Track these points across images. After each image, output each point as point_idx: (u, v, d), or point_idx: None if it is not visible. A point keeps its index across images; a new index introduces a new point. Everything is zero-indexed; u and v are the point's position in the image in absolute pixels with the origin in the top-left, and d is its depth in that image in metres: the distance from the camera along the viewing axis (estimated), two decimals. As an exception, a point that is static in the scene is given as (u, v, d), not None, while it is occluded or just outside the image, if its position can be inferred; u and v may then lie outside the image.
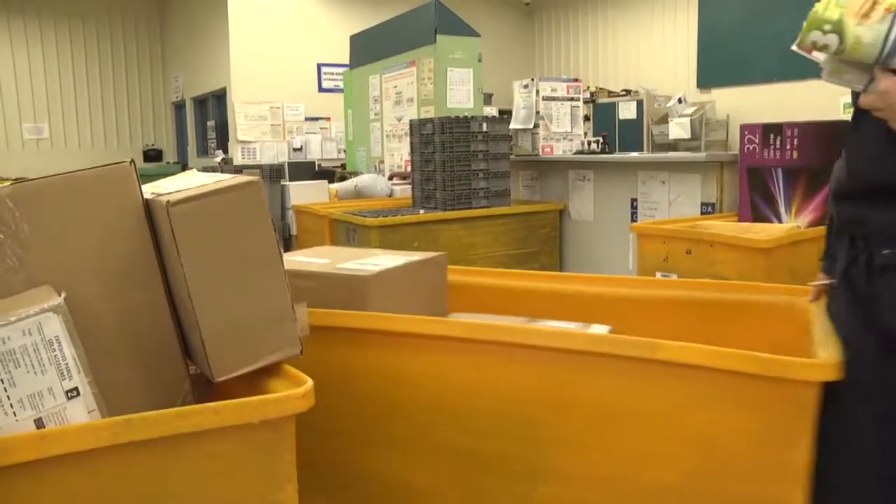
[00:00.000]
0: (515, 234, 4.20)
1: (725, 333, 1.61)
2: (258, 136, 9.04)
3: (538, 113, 4.73)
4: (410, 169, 4.44)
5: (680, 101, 7.14)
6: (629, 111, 7.97)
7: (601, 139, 5.02)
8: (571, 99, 4.82)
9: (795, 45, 1.13)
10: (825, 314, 1.36)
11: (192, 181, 1.29)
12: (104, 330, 1.17)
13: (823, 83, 1.21)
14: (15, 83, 10.46)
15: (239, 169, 6.45)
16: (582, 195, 4.34)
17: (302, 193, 5.12)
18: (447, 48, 4.95)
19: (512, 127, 4.72)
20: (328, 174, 6.33)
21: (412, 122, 4.34)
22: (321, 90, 9.25)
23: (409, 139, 4.39)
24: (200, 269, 1.16)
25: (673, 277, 2.91)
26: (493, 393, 1.45)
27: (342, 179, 5.83)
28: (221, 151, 9.32)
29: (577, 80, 5.02)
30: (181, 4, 10.56)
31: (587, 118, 7.50)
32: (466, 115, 4.25)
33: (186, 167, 10.40)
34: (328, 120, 9.21)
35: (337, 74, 8.47)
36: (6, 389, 0.98)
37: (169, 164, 11.22)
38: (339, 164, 7.74)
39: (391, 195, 5.07)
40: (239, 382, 1.22)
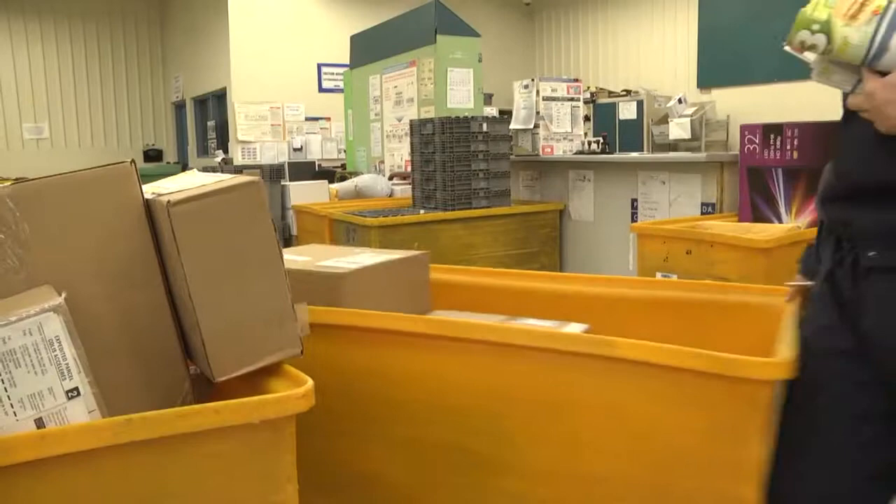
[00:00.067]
0: (515, 234, 4.20)
1: (707, 333, 1.63)
2: (258, 136, 9.04)
3: (538, 113, 4.73)
4: (410, 169, 4.44)
5: (680, 101, 7.14)
6: (629, 111, 7.97)
7: (601, 139, 5.02)
8: (571, 99, 4.82)
9: (785, 43, 1.14)
10: (796, 314, 1.37)
11: (192, 181, 1.29)
12: (104, 330, 1.17)
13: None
14: (15, 83, 10.47)
15: (239, 169, 6.45)
16: (582, 195, 4.34)
17: (302, 193, 5.13)
18: (447, 48, 4.95)
19: (512, 127, 4.72)
20: (328, 174, 6.33)
21: (412, 122, 4.34)
22: (321, 90, 9.25)
23: (409, 139, 4.39)
24: (200, 269, 1.16)
25: (673, 278, 2.91)
26: (458, 388, 1.48)
27: (342, 179, 5.83)
28: (221, 151, 9.32)
29: (577, 80, 5.02)
30: (181, 4, 10.56)
31: (587, 118, 7.50)
32: (466, 115, 4.24)
33: (186, 167, 10.40)
34: (328, 120, 9.21)
35: (337, 74, 8.47)
36: (6, 389, 0.98)
37: (169, 164, 11.22)
38: (339, 164, 7.74)
39: (391, 195, 5.07)
40: (239, 382, 1.22)
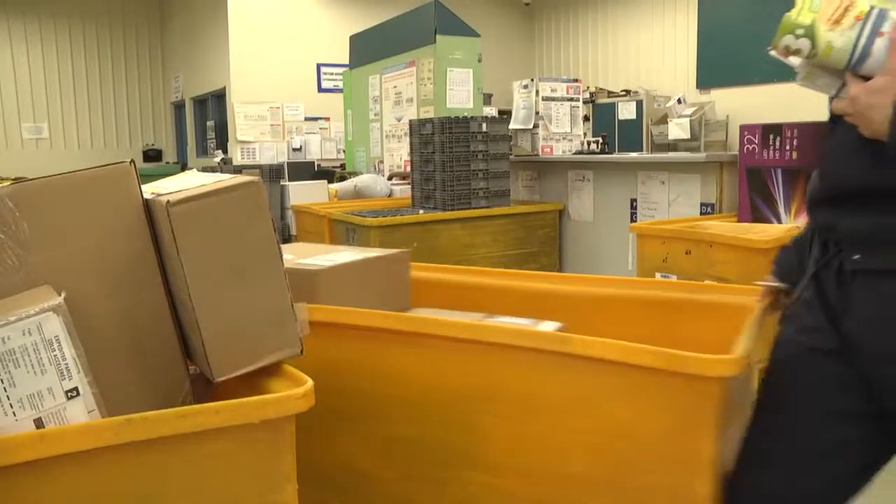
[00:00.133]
0: (515, 234, 4.20)
1: (684, 331, 1.65)
2: (258, 136, 9.05)
3: (538, 113, 4.73)
4: (410, 169, 4.45)
5: (679, 101, 7.15)
6: (629, 111, 7.97)
7: (601, 139, 5.03)
8: (571, 99, 4.83)
9: (770, 48, 1.15)
10: (761, 314, 1.40)
11: (191, 181, 1.29)
12: (104, 330, 1.17)
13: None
14: (15, 83, 10.47)
15: (238, 169, 6.46)
16: (581, 195, 4.34)
17: (301, 193, 5.12)
18: (447, 48, 4.95)
19: (511, 127, 4.72)
20: (328, 174, 6.33)
21: (412, 122, 4.34)
22: (321, 90, 9.25)
23: (408, 139, 4.39)
24: (200, 269, 1.16)
25: (672, 278, 2.92)
26: (428, 384, 1.52)
27: (342, 179, 5.83)
28: (221, 151, 9.32)
29: (576, 80, 5.03)
30: (181, 4, 10.56)
31: (587, 118, 7.50)
32: (466, 115, 4.25)
33: (186, 167, 10.40)
34: (328, 120, 9.21)
35: (337, 74, 8.47)
36: (6, 389, 0.98)
37: (168, 164, 11.22)
38: (338, 164, 7.74)
39: (391, 195, 5.07)
40: (239, 382, 1.22)
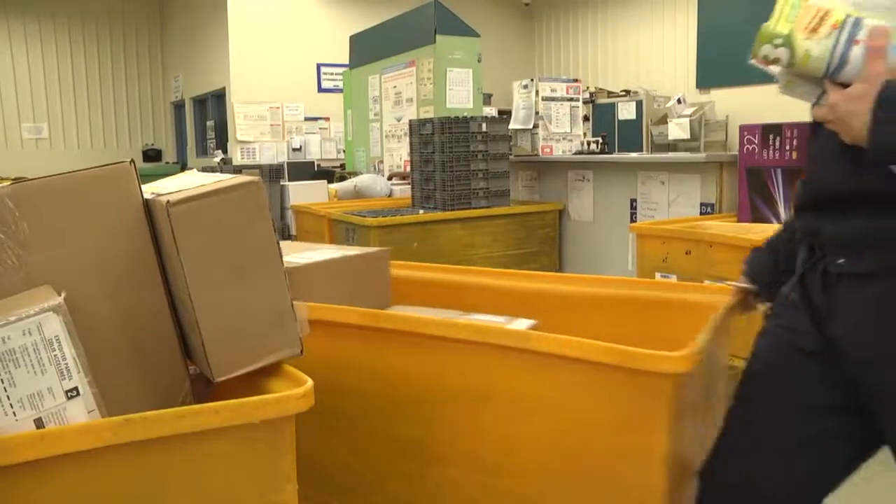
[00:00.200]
0: (515, 234, 4.20)
1: (660, 330, 1.68)
2: (257, 136, 9.04)
3: (538, 113, 4.74)
4: (410, 169, 4.45)
5: (679, 101, 7.14)
6: (628, 111, 7.97)
7: (600, 139, 5.03)
8: (571, 99, 4.83)
9: (750, 57, 1.15)
10: (725, 314, 1.43)
11: (191, 181, 1.29)
12: (104, 330, 1.17)
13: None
14: (14, 83, 10.47)
15: (238, 169, 6.46)
16: (581, 195, 4.34)
17: (301, 193, 5.12)
18: (447, 48, 4.95)
19: (511, 127, 4.72)
20: (327, 174, 6.33)
21: (411, 122, 4.34)
22: (321, 90, 9.25)
23: (408, 139, 4.39)
24: (200, 269, 1.16)
25: (672, 279, 2.92)
26: (397, 379, 1.54)
27: (342, 179, 5.83)
28: (221, 151, 9.32)
29: (576, 80, 5.03)
30: (181, 4, 10.56)
31: (586, 118, 7.50)
32: (466, 115, 4.25)
33: (186, 167, 10.40)
34: (327, 120, 9.21)
35: (336, 74, 8.47)
36: (6, 389, 0.98)
37: (168, 164, 11.22)
38: (338, 164, 7.74)
39: (391, 195, 5.07)
40: (239, 382, 1.22)
